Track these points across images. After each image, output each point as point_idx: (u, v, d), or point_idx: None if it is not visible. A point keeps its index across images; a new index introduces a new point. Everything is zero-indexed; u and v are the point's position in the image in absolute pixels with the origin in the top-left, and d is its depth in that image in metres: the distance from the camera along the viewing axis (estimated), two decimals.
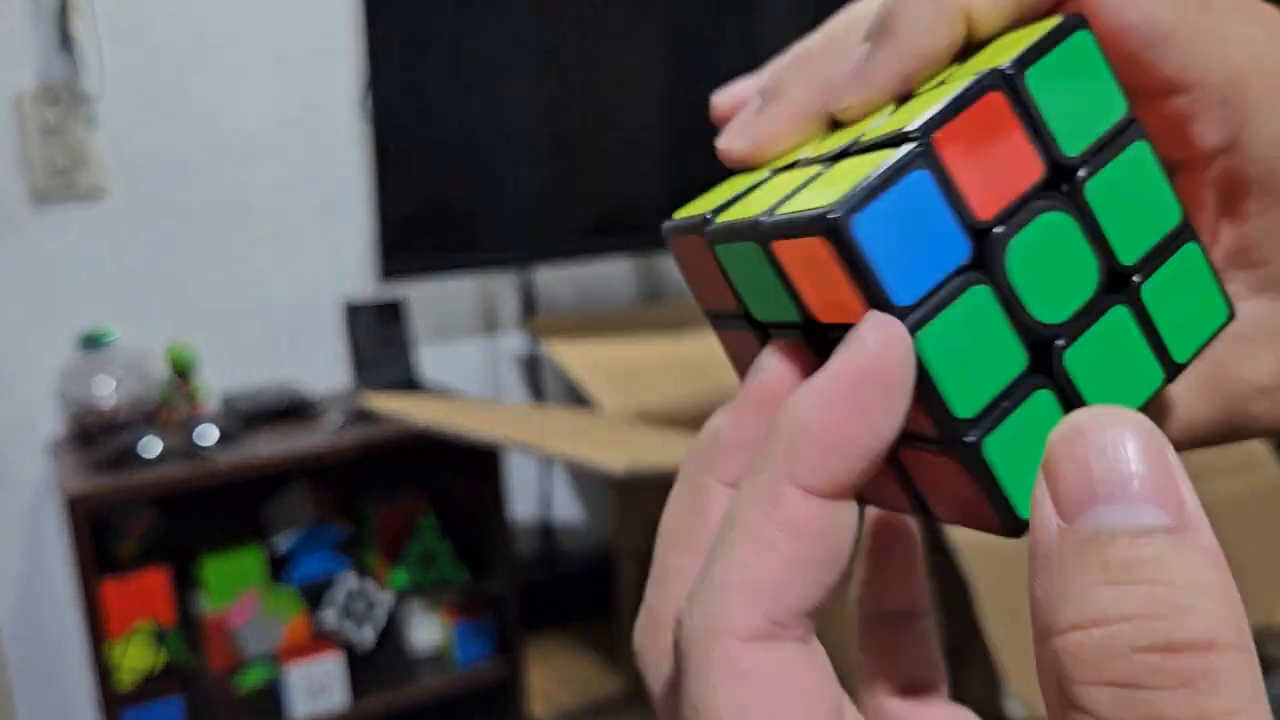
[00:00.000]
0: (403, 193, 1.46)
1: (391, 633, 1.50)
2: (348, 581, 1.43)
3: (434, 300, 1.72)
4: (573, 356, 1.55)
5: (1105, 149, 0.18)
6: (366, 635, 1.43)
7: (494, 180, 1.52)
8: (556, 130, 1.55)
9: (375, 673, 1.40)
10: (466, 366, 1.77)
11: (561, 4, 1.51)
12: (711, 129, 0.23)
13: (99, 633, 1.20)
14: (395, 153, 1.44)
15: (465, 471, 1.44)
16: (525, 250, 1.58)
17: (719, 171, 0.23)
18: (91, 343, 1.41)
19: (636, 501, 1.45)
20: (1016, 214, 0.18)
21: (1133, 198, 0.19)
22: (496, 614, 1.42)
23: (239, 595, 1.41)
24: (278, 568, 1.52)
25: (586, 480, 1.90)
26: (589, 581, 1.78)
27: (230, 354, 1.58)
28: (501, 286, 1.78)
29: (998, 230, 0.17)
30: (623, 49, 1.57)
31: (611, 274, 1.87)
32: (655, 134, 1.61)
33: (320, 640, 1.37)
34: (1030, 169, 0.18)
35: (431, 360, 1.73)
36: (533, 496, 1.85)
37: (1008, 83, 0.18)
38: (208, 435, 1.31)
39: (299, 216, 1.62)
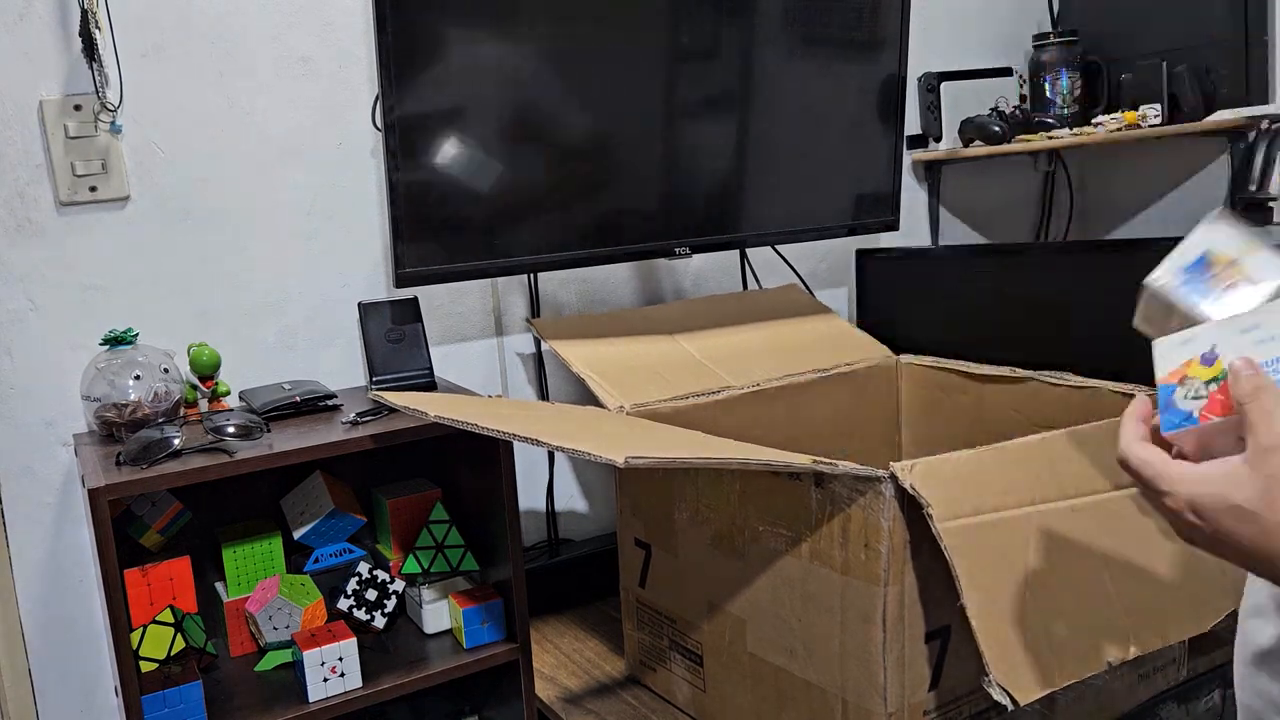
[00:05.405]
0: (416, 199, 1.48)
1: (403, 617, 1.53)
2: (362, 569, 1.44)
3: (445, 302, 1.76)
4: (575, 355, 1.58)
5: None
6: (380, 620, 1.45)
7: (503, 188, 1.55)
8: (562, 139, 1.58)
9: (388, 656, 1.41)
10: (476, 365, 1.80)
11: (568, 16, 1.54)
12: (709, 141, 0.26)
13: (122, 620, 1.20)
14: (408, 160, 1.47)
15: (474, 463, 1.46)
16: (532, 255, 1.60)
17: (712, 180, 0.26)
18: (115, 343, 1.42)
19: (636, 491, 1.47)
20: None
21: None
22: (504, 599, 1.43)
23: (258, 583, 1.43)
24: (295, 557, 1.54)
25: (589, 471, 1.94)
26: (592, 568, 1.82)
27: (250, 353, 1.61)
28: (509, 290, 1.81)
29: None
30: (625, 61, 1.60)
31: (613, 277, 1.91)
32: (655, 145, 1.64)
33: (336, 625, 1.37)
34: None
35: (443, 359, 1.76)
36: (539, 487, 1.89)
37: None
38: (228, 430, 1.31)
39: (315, 221, 1.64)
